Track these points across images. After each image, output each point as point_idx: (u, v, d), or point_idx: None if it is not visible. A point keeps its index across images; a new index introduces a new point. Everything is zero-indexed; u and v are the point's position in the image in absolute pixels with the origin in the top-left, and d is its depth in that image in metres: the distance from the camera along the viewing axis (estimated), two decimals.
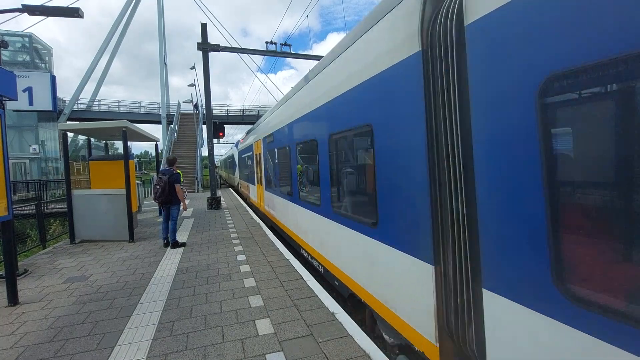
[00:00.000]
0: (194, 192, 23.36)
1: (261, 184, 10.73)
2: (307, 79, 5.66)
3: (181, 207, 7.45)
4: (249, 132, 15.93)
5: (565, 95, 1.59)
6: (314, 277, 5.12)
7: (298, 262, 5.95)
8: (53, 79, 14.21)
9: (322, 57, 11.24)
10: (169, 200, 7.25)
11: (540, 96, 1.59)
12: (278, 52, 14.79)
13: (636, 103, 1.33)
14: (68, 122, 33.15)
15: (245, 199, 16.95)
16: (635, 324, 1.26)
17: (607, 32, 1.33)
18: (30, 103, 14.06)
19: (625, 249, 1.40)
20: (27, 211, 11.01)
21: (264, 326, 3.63)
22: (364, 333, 3.42)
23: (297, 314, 3.89)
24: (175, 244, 7.43)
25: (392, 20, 2.87)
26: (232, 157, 25.74)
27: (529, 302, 1.70)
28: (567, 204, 1.60)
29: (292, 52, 14.97)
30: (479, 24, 1.91)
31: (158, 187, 7.17)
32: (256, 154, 11.35)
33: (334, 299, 4.31)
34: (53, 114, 32.87)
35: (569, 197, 1.61)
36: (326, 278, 4.95)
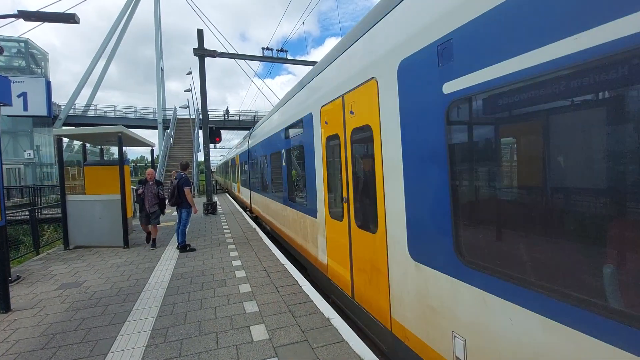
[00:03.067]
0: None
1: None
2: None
3: (192, 211, 7.55)
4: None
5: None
6: (308, 281, 5.12)
7: (294, 267, 5.94)
8: (48, 84, 14.27)
9: (316, 62, 11.33)
10: (178, 203, 7.40)
11: None
12: (274, 58, 14.87)
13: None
14: (63, 127, 33.01)
15: (242, 204, 16.90)
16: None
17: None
18: (25, 108, 14.06)
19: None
20: (21, 217, 10.90)
21: (258, 332, 3.62)
22: (359, 338, 3.41)
23: (292, 319, 3.88)
24: (184, 248, 7.43)
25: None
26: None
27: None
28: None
29: (288, 57, 15.05)
30: None
31: (168, 189, 7.76)
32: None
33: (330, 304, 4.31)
34: (48, 119, 32.73)
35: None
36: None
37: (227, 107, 43.81)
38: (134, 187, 5.90)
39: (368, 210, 3.49)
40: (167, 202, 7.86)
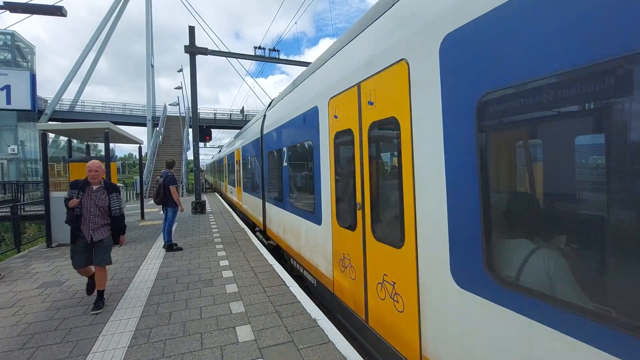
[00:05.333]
0: (179, 196, 22.96)
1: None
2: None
3: (178, 209, 7.45)
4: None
5: None
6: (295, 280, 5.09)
7: (281, 267, 5.91)
8: (33, 77, 13.94)
9: (309, 63, 11.28)
10: (164, 202, 7.27)
11: None
12: (266, 58, 14.81)
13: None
14: (49, 123, 32.26)
15: (231, 203, 16.77)
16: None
17: None
18: (8, 102, 13.70)
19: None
20: (2, 213, 10.60)
21: (244, 333, 3.58)
22: (345, 340, 3.41)
23: (279, 320, 3.85)
24: (170, 247, 7.32)
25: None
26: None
27: None
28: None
29: (281, 57, 15.00)
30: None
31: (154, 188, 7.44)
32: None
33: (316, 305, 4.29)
34: (33, 114, 31.93)
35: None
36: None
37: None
38: (65, 195, 4.26)
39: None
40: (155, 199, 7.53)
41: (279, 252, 7.12)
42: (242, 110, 42.63)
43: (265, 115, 8.38)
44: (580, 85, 1.50)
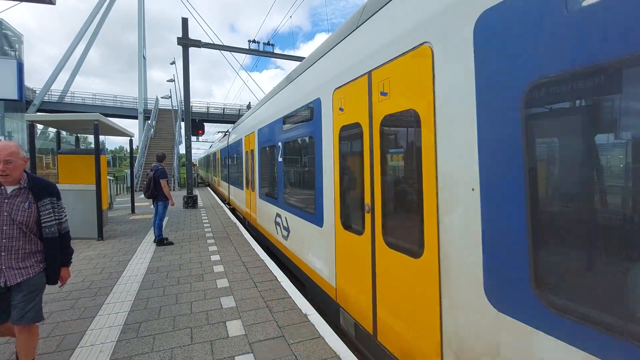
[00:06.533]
0: (170, 190, 22.75)
1: None
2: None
3: (169, 203, 7.37)
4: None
5: None
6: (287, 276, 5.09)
7: (273, 262, 5.90)
8: (20, 66, 13.59)
9: (303, 58, 11.19)
10: (155, 196, 7.19)
11: None
12: (260, 52, 14.67)
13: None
14: (37, 114, 31.61)
15: (224, 199, 16.66)
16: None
17: None
18: None
19: None
20: None
21: (234, 327, 3.57)
22: (335, 334, 3.42)
23: (270, 315, 3.85)
24: (161, 242, 7.26)
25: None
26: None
27: None
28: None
29: (275, 52, 14.88)
30: None
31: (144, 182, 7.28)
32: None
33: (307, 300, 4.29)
34: (21, 104, 31.24)
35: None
36: None
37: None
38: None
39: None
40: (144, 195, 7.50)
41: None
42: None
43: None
44: None
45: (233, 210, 13.10)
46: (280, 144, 5.94)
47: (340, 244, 3.68)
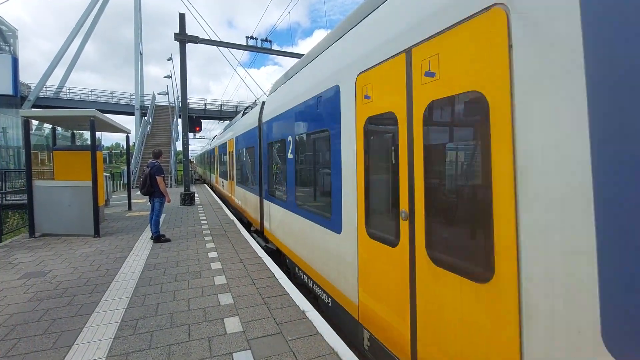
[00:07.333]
0: (167, 187, 22.70)
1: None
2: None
3: (165, 200, 7.35)
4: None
5: None
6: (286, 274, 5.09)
7: (270, 259, 5.90)
8: (15, 61, 13.44)
9: (302, 55, 11.13)
10: (151, 193, 7.17)
11: None
12: (258, 48, 14.61)
13: None
14: (32, 109, 31.34)
15: (221, 196, 16.62)
16: None
17: None
18: None
19: None
20: None
21: (232, 324, 3.57)
22: (333, 331, 3.42)
23: (267, 312, 3.85)
24: (158, 239, 7.24)
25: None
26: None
27: None
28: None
29: (273, 48, 14.81)
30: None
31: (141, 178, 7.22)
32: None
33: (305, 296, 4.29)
34: (16, 100, 30.95)
35: None
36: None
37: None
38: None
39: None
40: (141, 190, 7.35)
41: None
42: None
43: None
44: None
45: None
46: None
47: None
